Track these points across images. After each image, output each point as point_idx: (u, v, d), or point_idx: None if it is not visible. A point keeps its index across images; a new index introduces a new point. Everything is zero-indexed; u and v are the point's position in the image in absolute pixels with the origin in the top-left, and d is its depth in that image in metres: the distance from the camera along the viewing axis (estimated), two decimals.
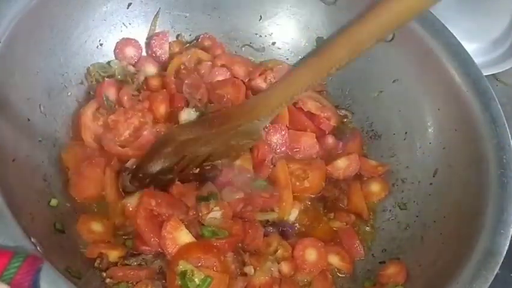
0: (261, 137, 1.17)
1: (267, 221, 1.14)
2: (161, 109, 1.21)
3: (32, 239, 0.83)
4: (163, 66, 1.31)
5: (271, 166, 1.19)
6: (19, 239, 0.80)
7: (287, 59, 1.40)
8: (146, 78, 1.27)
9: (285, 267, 1.08)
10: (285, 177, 1.18)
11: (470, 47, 1.24)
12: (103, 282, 1.02)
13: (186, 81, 1.25)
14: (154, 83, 1.26)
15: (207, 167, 1.15)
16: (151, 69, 1.30)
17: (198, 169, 1.15)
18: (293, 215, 1.18)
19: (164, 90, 1.24)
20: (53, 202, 1.05)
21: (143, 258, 1.04)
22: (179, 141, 1.10)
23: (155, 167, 1.11)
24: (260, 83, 1.32)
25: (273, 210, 1.15)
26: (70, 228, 1.05)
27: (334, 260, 1.13)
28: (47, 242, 0.91)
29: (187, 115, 1.21)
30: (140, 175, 1.11)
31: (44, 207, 1.03)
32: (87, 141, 1.15)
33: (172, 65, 1.30)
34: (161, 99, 1.21)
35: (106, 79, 1.22)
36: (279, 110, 1.12)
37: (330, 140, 1.28)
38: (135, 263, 1.04)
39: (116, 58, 1.28)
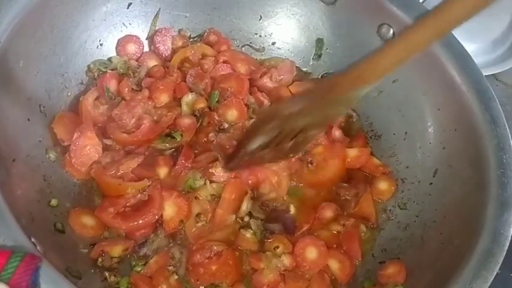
0: (356, 104, 1.17)
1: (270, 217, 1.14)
2: (162, 98, 1.22)
3: (32, 239, 0.83)
4: (166, 63, 1.31)
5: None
6: (19, 239, 0.80)
7: (287, 58, 1.40)
8: (149, 69, 1.27)
9: (287, 260, 1.08)
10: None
11: (470, 47, 1.24)
12: (103, 282, 1.02)
13: (190, 72, 1.26)
14: (157, 73, 1.26)
15: (300, 139, 1.09)
16: (153, 64, 1.29)
17: (292, 141, 1.09)
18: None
19: (167, 79, 1.24)
20: (53, 202, 1.05)
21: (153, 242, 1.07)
22: (283, 116, 1.04)
23: (256, 143, 1.07)
24: (267, 82, 1.32)
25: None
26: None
27: (334, 266, 1.12)
28: (47, 242, 0.91)
29: (191, 98, 1.23)
30: (241, 153, 1.09)
31: (44, 207, 1.03)
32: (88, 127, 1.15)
33: (177, 57, 1.30)
34: (162, 89, 1.22)
35: (109, 71, 1.23)
36: (387, 75, 1.01)
37: (336, 132, 1.27)
38: (148, 252, 1.05)
39: (118, 55, 1.28)
